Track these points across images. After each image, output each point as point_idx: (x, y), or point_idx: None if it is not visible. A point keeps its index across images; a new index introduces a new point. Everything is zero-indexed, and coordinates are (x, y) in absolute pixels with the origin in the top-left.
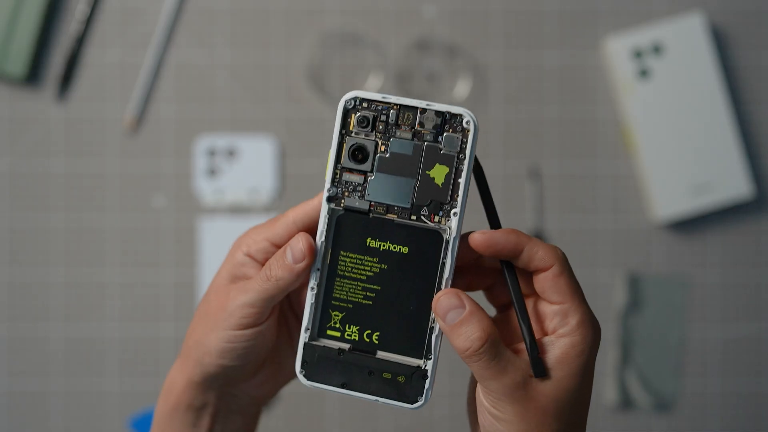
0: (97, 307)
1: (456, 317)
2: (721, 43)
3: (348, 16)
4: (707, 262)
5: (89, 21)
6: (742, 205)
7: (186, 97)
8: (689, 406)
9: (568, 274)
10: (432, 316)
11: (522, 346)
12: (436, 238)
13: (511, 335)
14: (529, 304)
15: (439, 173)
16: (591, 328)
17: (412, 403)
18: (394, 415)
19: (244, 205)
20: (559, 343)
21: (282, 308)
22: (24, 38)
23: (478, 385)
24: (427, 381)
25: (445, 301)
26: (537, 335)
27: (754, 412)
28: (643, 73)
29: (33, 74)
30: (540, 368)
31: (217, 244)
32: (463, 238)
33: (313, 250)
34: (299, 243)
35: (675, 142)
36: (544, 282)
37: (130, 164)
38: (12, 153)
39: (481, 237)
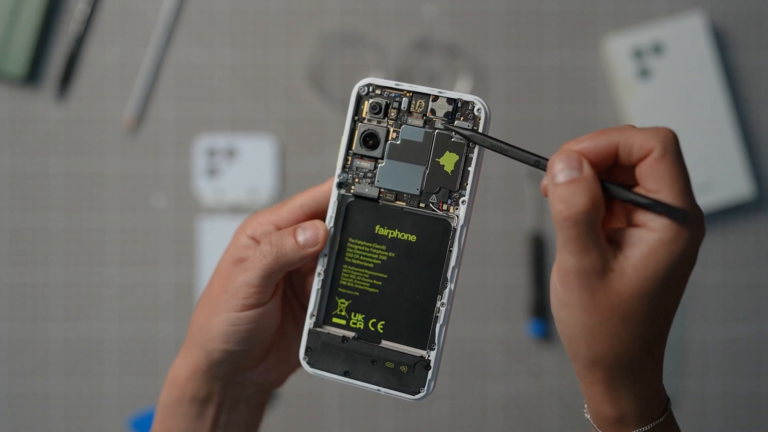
0: (97, 307)
1: (566, 177)
2: (721, 43)
3: (348, 16)
4: (707, 262)
5: (89, 21)
6: (742, 205)
7: (186, 97)
8: (689, 406)
9: (672, 158)
10: (436, 305)
11: (618, 237)
12: (444, 226)
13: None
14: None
15: (449, 161)
16: (688, 226)
17: (414, 394)
18: (394, 415)
19: (244, 205)
20: (647, 238)
21: (286, 295)
22: (24, 38)
23: (555, 263)
24: (430, 372)
25: (564, 158)
26: (623, 227)
27: (754, 412)
28: (644, 73)
29: (33, 74)
30: (676, 211)
31: (217, 244)
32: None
33: (326, 239)
34: (317, 229)
35: None
36: (641, 169)
37: (129, 164)
38: (12, 153)
39: (575, 147)
